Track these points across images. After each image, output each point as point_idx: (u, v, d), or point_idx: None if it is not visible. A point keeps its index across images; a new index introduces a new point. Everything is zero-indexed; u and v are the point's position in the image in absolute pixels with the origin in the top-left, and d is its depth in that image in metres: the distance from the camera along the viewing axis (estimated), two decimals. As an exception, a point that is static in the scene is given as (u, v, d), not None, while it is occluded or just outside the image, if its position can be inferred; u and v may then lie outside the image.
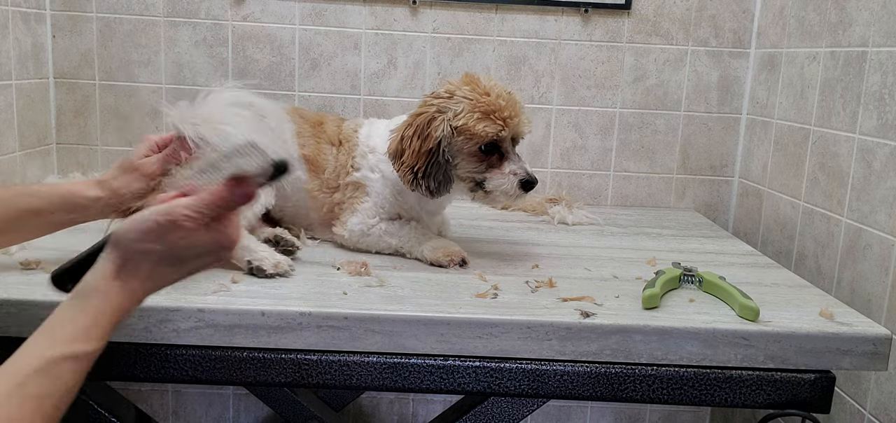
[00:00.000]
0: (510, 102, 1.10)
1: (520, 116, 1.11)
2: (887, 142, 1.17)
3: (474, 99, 1.09)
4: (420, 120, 1.10)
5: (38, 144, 1.56)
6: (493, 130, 1.08)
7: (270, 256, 1.04)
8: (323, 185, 1.21)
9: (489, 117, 1.08)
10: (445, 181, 1.11)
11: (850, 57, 1.28)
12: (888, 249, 1.16)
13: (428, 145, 1.09)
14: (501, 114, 1.09)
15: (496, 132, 1.09)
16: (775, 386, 0.94)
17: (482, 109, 1.09)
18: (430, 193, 1.11)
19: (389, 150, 1.14)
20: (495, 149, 1.11)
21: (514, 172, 1.10)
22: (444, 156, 1.10)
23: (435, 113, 1.10)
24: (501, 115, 1.09)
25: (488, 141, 1.09)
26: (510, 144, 1.12)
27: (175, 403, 1.77)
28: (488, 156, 1.11)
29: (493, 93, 1.10)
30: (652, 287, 0.99)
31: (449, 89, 1.12)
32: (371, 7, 1.60)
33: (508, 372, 0.94)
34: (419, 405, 1.81)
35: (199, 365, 0.93)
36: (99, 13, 1.58)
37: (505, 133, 1.09)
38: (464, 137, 1.09)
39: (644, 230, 1.47)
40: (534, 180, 1.11)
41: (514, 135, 1.12)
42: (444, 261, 1.12)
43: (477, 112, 1.08)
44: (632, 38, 1.64)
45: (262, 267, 1.02)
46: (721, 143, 1.70)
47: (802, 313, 0.99)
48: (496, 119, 1.09)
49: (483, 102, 1.09)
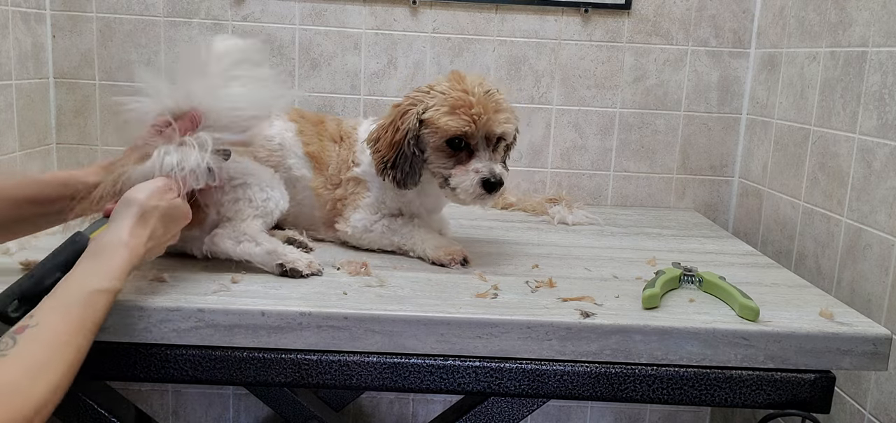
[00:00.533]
0: (483, 100, 1.08)
1: (491, 114, 1.08)
2: (887, 142, 1.17)
3: (447, 94, 1.09)
4: (396, 112, 1.13)
5: (38, 144, 1.56)
6: (456, 124, 1.07)
7: (302, 257, 1.05)
8: (327, 181, 1.21)
9: (455, 112, 1.07)
10: (412, 173, 1.11)
11: (850, 57, 1.28)
12: (888, 249, 1.16)
13: (397, 137, 1.10)
14: (469, 110, 1.07)
15: (460, 127, 1.07)
16: (775, 386, 0.94)
17: (451, 103, 1.08)
18: (397, 184, 1.12)
19: (368, 139, 1.16)
20: (465, 145, 1.10)
21: (477, 170, 1.08)
22: (411, 148, 1.10)
23: (409, 105, 1.12)
24: (469, 111, 1.07)
25: (453, 136, 1.08)
26: (484, 143, 1.10)
27: (175, 403, 1.77)
28: (457, 152, 1.10)
29: (470, 90, 1.09)
30: (652, 287, 0.99)
31: (430, 85, 1.13)
32: (371, 7, 1.60)
33: (508, 372, 0.94)
34: (419, 405, 1.81)
35: (199, 365, 0.93)
36: (99, 13, 1.58)
37: (471, 129, 1.08)
38: (430, 130, 1.09)
39: (644, 230, 1.47)
40: (497, 181, 1.08)
41: (487, 134, 1.09)
42: (446, 260, 1.12)
43: (446, 106, 1.08)
44: (632, 38, 1.64)
45: (296, 268, 1.03)
46: (721, 143, 1.70)
47: (802, 313, 0.99)
48: (462, 115, 1.07)
49: (453, 98, 1.08)
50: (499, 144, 1.13)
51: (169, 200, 0.90)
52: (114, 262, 0.81)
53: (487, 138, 1.10)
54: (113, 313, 0.86)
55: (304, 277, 1.03)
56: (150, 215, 0.87)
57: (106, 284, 0.79)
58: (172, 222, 0.92)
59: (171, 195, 0.91)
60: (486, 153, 1.10)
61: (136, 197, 0.86)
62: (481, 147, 1.10)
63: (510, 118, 1.12)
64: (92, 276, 0.79)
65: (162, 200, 0.89)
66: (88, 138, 1.64)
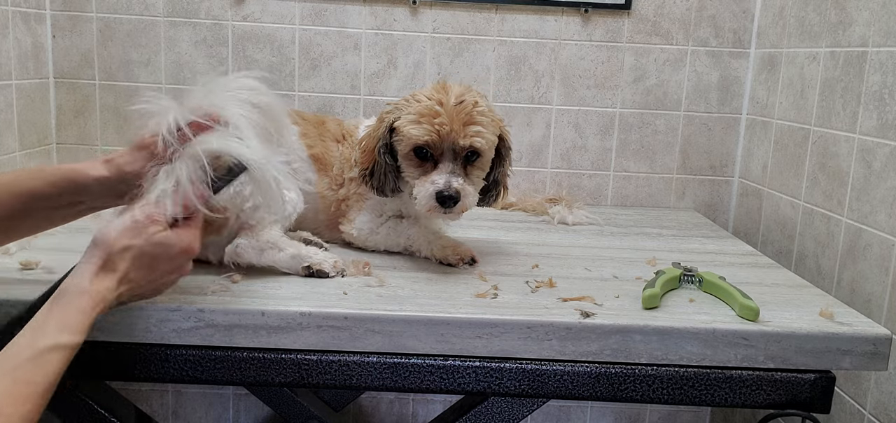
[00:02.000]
0: (452, 111, 1.04)
1: (458, 126, 1.04)
2: (887, 142, 1.17)
3: (421, 103, 1.07)
4: (376, 124, 1.13)
5: (38, 144, 1.56)
6: (417, 133, 1.05)
7: (327, 257, 1.05)
8: (331, 182, 1.21)
9: (421, 122, 1.05)
10: (387, 181, 1.11)
11: (850, 57, 1.28)
12: (888, 249, 1.16)
13: (371, 144, 1.11)
14: (433, 119, 1.04)
15: (421, 137, 1.05)
16: (775, 386, 0.94)
17: (420, 111, 1.06)
18: (376, 191, 1.12)
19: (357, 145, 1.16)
20: (430, 156, 1.07)
21: (433, 181, 1.05)
22: (383, 157, 1.09)
23: (385, 113, 1.11)
24: (433, 121, 1.04)
25: (417, 145, 1.06)
26: (450, 154, 1.06)
27: (175, 403, 1.77)
28: (423, 162, 1.08)
29: (445, 100, 1.06)
30: (652, 287, 0.99)
31: (415, 93, 1.10)
32: (371, 7, 1.60)
33: (508, 372, 0.94)
34: (419, 405, 1.81)
35: (199, 365, 0.93)
36: (99, 13, 1.58)
37: (433, 139, 1.05)
38: (399, 137, 1.08)
39: (644, 230, 1.47)
40: (451, 195, 1.04)
41: (453, 145, 1.05)
42: (454, 260, 1.12)
43: (414, 115, 1.06)
44: (632, 38, 1.64)
45: (323, 269, 1.03)
46: (721, 143, 1.70)
47: (802, 313, 0.99)
48: (426, 124, 1.05)
49: (423, 107, 1.06)
50: (474, 159, 1.08)
51: (147, 237, 0.79)
52: (70, 312, 0.72)
53: (455, 151, 1.06)
54: (113, 312, 0.86)
55: (330, 277, 1.03)
56: (118, 258, 0.77)
57: (62, 338, 0.70)
58: (156, 260, 0.81)
59: (152, 231, 0.79)
60: (450, 165, 1.06)
61: (104, 237, 0.77)
62: (447, 159, 1.06)
63: (482, 132, 1.06)
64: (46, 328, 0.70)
65: (136, 238, 0.78)
66: (88, 138, 1.64)
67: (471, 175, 1.09)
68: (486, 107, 1.09)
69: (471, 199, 1.07)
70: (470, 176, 1.08)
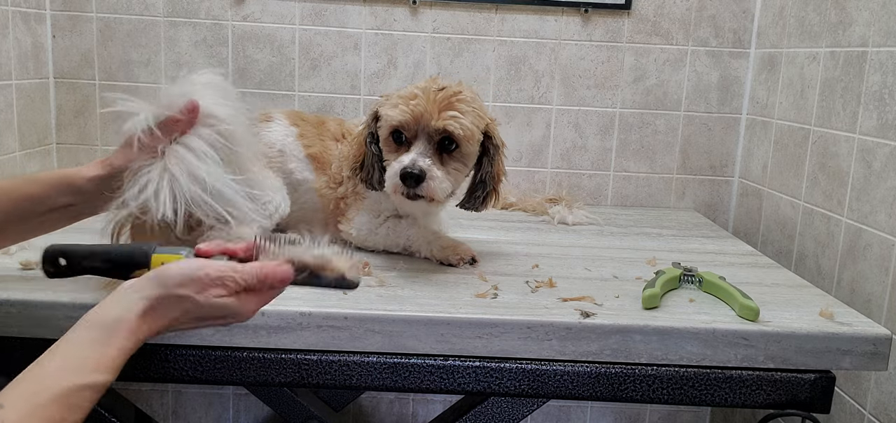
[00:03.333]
0: (432, 96, 1.04)
1: (434, 109, 1.03)
2: (887, 142, 1.17)
3: (407, 90, 1.07)
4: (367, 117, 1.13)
5: (38, 144, 1.56)
6: (393, 114, 1.05)
7: None
8: (330, 180, 1.21)
9: (397, 105, 1.05)
10: (374, 170, 1.10)
11: (850, 57, 1.28)
12: (888, 249, 1.16)
13: (360, 135, 1.12)
14: (410, 101, 1.04)
15: (397, 118, 1.04)
16: (775, 386, 0.94)
17: (401, 96, 1.06)
18: (366, 184, 1.12)
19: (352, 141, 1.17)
20: (405, 140, 1.06)
21: (401, 161, 1.04)
22: (369, 146, 1.10)
23: (376, 104, 1.12)
24: (408, 102, 1.04)
25: (393, 127, 1.06)
26: (424, 138, 1.04)
27: (175, 403, 1.77)
28: (399, 146, 1.07)
29: (427, 87, 1.05)
30: (652, 287, 0.99)
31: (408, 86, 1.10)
32: (371, 7, 1.60)
33: (508, 372, 0.94)
34: (419, 405, 1.81)
35: (199, 365, 0.93)
36: (99, 13, 1.58)
37: (406, 120, 1.04)
38: (380, 123, 1.08)
39: (644, 230, 1.47)
40: (414, 174, 1.01)
41: (426, 128, 1.04)
42: (454, 259, 1.12)
43: (394, 99, 1.07)
44: (632, 38, 1.64)
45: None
46: (721, 143, 1.70)
47: (802, 313, 0.99)
48: (401, 105, 1.05)
49: (406, 93, 1.06)
50: (452, 148, 1.06)
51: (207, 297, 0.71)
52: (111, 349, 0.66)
53: (428, 134, 1.04)
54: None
55: None
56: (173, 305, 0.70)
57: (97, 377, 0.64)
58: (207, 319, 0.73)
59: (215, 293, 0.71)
60: (422, 147, 1.04)
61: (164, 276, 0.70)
62: (420, 141, 1.05)
63: (458, 118, 1.03)
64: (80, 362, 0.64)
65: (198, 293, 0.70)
66: (88, 138, 1.64)
67: (447, 164, 1.06)
68: (470, 97, 1.08)
69: (439, 183, 1.03)
70: (445, 165, 1.06)
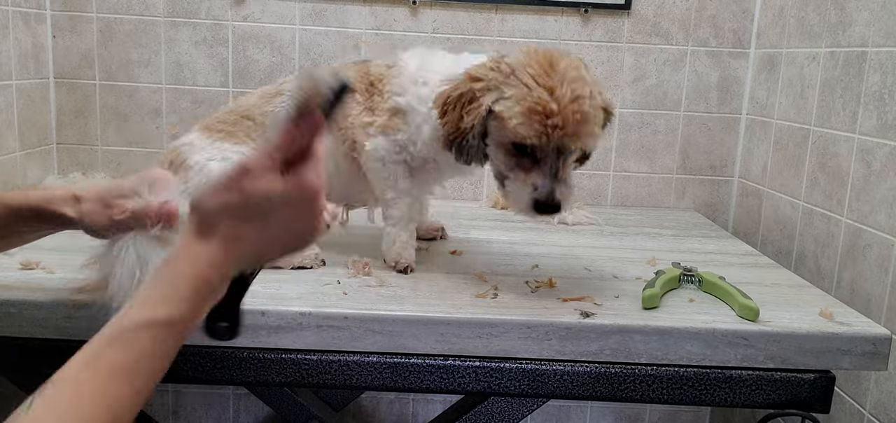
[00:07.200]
0: (567, 109, 0.91)
1: (571, 128, 0.92)
2: (887, 142, 1.17)
3: (531, 88, 0.92)
4: (467, 92, 0.97)
5: (38, 144, 1.56)
6: (525, 133, 0.92)
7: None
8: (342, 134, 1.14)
9: (530, 118, 0.91)
10: (476, 157, 1.00)
11: (850, 57, 1.28)
12: (888, 249, 1.16)
13: (463, 125, 0.97)
14: (545, 119, 0.91)
15: (529, 137, 0.92)
16: (775, 386, 0.95)
17: (529, 106, 0.91)
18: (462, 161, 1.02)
19: (435, 102, 1.02)
20: (530, 151, 0.95)
21: (535, 186, 0.94)
22: (475, 140, 0.97)
23: (481, 91, 0.96)
24: (545, 121, 0.91)
25: (521, 141, 0.94)
26: (554, 154, 0.94)
27: (175, 403, 1.77)
28: (521, 157, 0.95)
29: (557, 91, 0.91)
30: (652, 287, 0.99)
31: (512, 65, 0.95)
32: (371, 7, 1.60)
33: (508, 372, 0.94)
34: (419, 405, 1.81)
35: (199, 365, 0.93)
36: (99, 13, 1.58)
37: (541, 142, 0.92)
38: (498, 123, 0.95)
39: (644, 230, 1.47)
40: (552, 204, 0.94)
41: (559, 146, 0.93)
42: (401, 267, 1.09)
43: (520, 107, 0.92)
44: (632, 38, 1.64)
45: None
46: (721, 143, 1.70)
47: (802, 313, 0.99)
48: (537, 123, 0.91)
49: (534, 99, 0.91)
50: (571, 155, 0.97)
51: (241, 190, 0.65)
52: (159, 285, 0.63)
53: (559, 150, 0.94)
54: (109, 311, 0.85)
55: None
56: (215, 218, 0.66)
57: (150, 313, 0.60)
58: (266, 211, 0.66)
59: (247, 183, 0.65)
60: (550, 166, 0.95)
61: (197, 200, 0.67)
62: (549, 159, 0.94)
63: (594, 131, 0.94)
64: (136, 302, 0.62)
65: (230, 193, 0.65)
66: (88, 138, 1.64)
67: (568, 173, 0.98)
68: (597, 93, 0.97)
69: (569, 203, 0.98)
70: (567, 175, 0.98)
